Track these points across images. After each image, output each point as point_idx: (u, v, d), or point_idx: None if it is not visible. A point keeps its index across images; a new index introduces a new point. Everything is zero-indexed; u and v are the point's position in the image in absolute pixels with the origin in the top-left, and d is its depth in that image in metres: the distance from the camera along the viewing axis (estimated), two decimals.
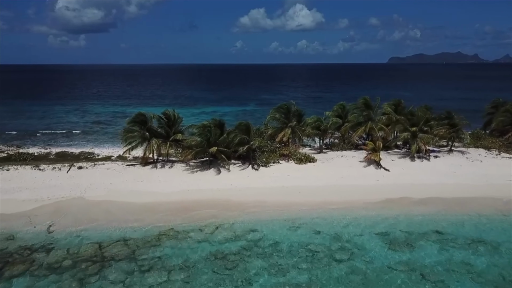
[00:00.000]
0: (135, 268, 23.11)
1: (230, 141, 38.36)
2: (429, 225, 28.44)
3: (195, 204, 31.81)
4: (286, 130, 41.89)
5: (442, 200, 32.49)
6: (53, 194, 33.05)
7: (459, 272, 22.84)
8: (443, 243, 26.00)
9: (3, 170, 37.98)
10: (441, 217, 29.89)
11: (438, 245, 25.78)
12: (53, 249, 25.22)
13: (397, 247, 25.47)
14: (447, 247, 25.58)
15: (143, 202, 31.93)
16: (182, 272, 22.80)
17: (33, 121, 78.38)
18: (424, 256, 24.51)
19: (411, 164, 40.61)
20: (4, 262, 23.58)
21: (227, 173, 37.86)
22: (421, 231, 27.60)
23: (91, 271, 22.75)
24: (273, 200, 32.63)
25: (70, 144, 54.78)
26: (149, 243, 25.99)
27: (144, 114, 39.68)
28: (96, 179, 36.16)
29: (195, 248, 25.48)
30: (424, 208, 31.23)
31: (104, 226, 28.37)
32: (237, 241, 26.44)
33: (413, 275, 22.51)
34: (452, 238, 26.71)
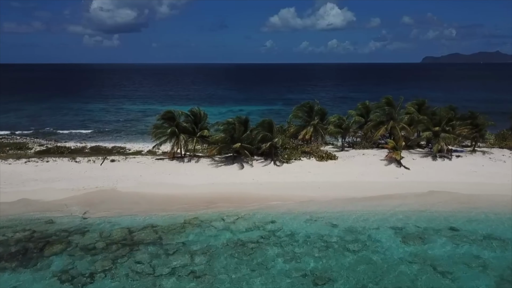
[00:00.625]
0: (161, 252, 25.00)
1: (253, 137, 39.95)
2: (444, 222, 29.09)
3: (219, 196, 33.54)
4: (308, 128, 43.14)
5: (460, 198, 32.97)
6: (87, 184, 35.57)
7: (470, 265, 23.53)
8: (456, 238, 26.63)
9: (43, 162, 40.97)
10: (457, 214, 30.43)
11: (452, 240, 26.44)
12: (87, 232, 27.51)
13: (410, 241, 26.33)
14: (460, 242, 26.18)
15: (170, 193, 33.92)
16: (204, 256, 24.52)
17: (69, 117, 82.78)
18: (437, 250, 25.29)
19: (432, 163, 41.03)
20: (45, 242, 25.98)
21: (249, 168, 39.47)
22: (436, 227, 28.30)
23: (121, 252, 24.80)
24: (293, 194, 33.97)
25: (104, 139, 57.99)
26: (174, 230, 27.88)
27: (172, 111, 41.87)
28: (127, 172, 38.53)
29: (217, 236, 27.18)
30: (441, 205, 31.83)
31: (133, 214, 30.50)
32: (256, 230, 27.98)
33: (424, 267, 23.37)
34: (467, 234, 27.25)
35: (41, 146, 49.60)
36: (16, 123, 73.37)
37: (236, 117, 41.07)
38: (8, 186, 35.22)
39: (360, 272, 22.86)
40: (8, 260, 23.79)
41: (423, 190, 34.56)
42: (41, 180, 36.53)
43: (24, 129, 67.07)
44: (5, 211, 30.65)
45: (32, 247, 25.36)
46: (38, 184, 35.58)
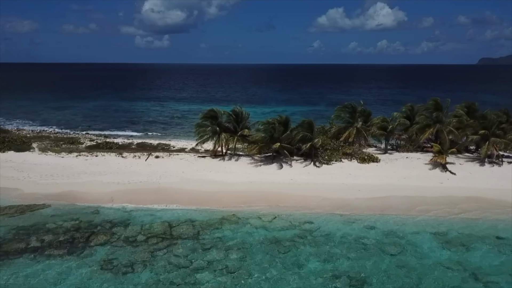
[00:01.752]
0: (198, 246, 25.66)
1: (293, 137, 39.97)
2: (489, 229, 27.85)
3: (257, 195, 33.87)
4: (351, 130, 42.57)
5: (508, 206, 31.32)
6: (132, 179, 37.05)
7: None
8: (502, 247, 25.48)
9: (92, 156, 43.16)
10: (504, 222, 29.02)
11: (497, 249, 25.32)
12: (129, 224, 28.71)
13: (451, 247, 25.45)
14: (506, 251, 25.00)
15: (210, 190, 34.63)
16: (239, 252, 24.92)
17: (119, 114, 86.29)
18: (480, 258, 24.31)
19: (480, 169, 39.23)
20: (90, 232, 27.42)
21: (289, 168, 39.53)
22: (480, 234, 27.15)
23: (161, 246, 25.68)
24: (332, 196, 33.68)
25: (150, 136, 60.05)
26: (212, 226, 28.50)
27: (215, 110, 42.75)
28: (171, 168, 39.75)
29: (253, 233, 27.52)
30: (486, 212, 30.46)
31: (174, 208, 31.50)
32: (292, 229, 28.06)
33: (465, 275, 22.52)
34: None
35: (91, 141, 52.12)
36: (70, 119, 77.57)
37: (278, 116, 41.24)
38: (60, 178, 37.40)
39: (397, 276, 22.39)
40: (57, 248, 25.31)
41: (469, 196, 33.16)
42: (90, 173, 38.49)
43: (77, 125, 70.74)
44: (56, 200, 32.62)
45: (79, 236, 26.83)
46: (87, 177, 37.52)
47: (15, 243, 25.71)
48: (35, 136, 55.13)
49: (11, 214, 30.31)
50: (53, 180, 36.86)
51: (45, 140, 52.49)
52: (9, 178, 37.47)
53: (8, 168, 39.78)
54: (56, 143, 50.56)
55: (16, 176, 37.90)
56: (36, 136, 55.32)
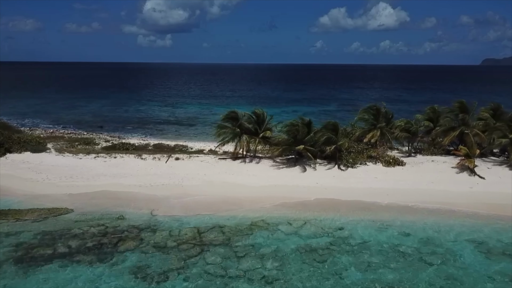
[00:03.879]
0: (231, 254, 24.79)
1: (317, 140, 39.10)
2: None
3: (283, 199, 33.03)
4: (374, 132, 41.69)
5: None
6: (154, 181, 36.26)
7: None
8: None
9: (111, 158, 42.39)
10: None
11: None
12: (157, 230, 27.88)
13: (493, 256, 24.51)
14: None
15: (234, 194, 33.82)
16: (275, 260, 24.03)
17: (129, 114, 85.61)
18: None
19: (509, 173, 38.28)
20: (118, 238, 26.61)
21: (313, 171, 38.68)
22: None
23: (192, 253, 24.83)
24: (360, 200, 32.84)
25: (164, 137, 59.26)
26: (242, 232, 27.63)
27: (236, 111, 41.96)
28: (192, 170, 38.94)
29: (285, 240, 26.64)
30: None
31: (200, 213, 30.60)
32: (324, 237, 27.18)
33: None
34: None
35: (106, 142, 51.36)
36: (81, 119, 76.86)
37: (300, 118, 40.42)
38: (80, 180, 36.66)
39: (442, 287, 21.49)
40: (86, 254, 24.51)
41: (502, 202, 32.22)
42: (109, 175, 37.71)
43: (89, 125, 70.02)
44: (78, 204, 31.83)
45: (107, 242, 26.01)
46: (107, 179, 36.75)
47: (42, 249, 24.93)
48: (49, 137, 54.40)
49: (35, 218, 29.55)
50: (73, 182, 36.12)
51: (59, 141, 51.79)
52: (28, 179, 36.77)
53: (26, 170, 39.08)
54: (71, 143, 49.84)
55: (35, 177, 37.19)
56: (50, 137, 54.59)
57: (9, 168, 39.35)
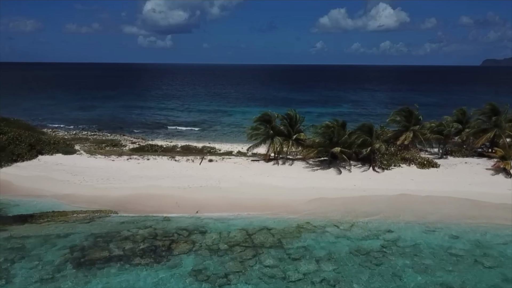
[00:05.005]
0: (285, 256, 24.87)
1: (352, 141, 39.18)
2: None
3: (323, 201, 33.15)
4: (407, 134, 41.77)
5: None
6: (192, 183, 36.33)
7: None
8: None
9: (144, 159, 42.46)
10: None
11: None
12: (206, 232, 27.96)
13: None
14: None
15: (274, 195, 33.82)
16: (331, 263, 24.11)
17: (145, 115, 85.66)
18: None
19: None
20: (170, 240, 26.68)
21: (348, 173, 38.76)
22: None
23: (247, 255, 24.90)
24: (401, 202, 32.99)
25: (188, 138, 59.33)
26: (290, 234, 27.71)
27: (269, 113, 42.04)
28: (227, 172, 39.00)
29: (336, 243, 26.73)
30: None
31: (242, 215, 30.70)
32: (374, 239, 27.26)
33: None
34: None
35: (133, 143, 51.47)
36: (99, 120, 76.99)
37: (334, 120, 40.50)
38: (117, 182, 36.73)
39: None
40: (142, 256, 24.60)
41: None
42: (146, 177, 37.77)
43: (108, 126, 70.04)
44: (120, 206, 31.91)
45: (160, 244, 26.08)
46: (144, 181, 36.80)
47: (97, 251, 25.01)
48: (74, 138, 54.45)
49: (81, 220, 29.68)
50: (110, 184, 36.19)
51: (85, 142, 51.87)
52: (65, 182, 36.84)
53: (61, 172, 39.15)
54: (98, 145, 49.91)
55: (72, 179, 37.26)
56: (75, 138, 54.64)
57: (43, 170, 39.43)
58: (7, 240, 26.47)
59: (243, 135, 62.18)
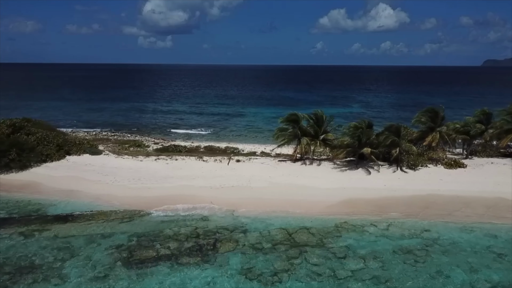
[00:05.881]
0: (330, 255, 25.22)
1: (380, 142, 39.55)
2: None
3: (356, 201, 33.45)
4: (434, 134, 42.13)
5: None
6: (223, 183, 36.69)
7: None
8: None
9: (172, 160, 42.84)
10: None
11: None
12: (247, 231, 28.32)
13: None
14: None
15: (305, 196, 34.08)
16: (376, 261, 24.47)
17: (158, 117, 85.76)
18: None
19: None
20: (214, 239, 27.06)
21: (376, 173, 39.12)
22: None
23: (292, 254, 25.25)
24: (433, 201, 33.33)
25: (207, 139, 59.56)
26: (330, 234, 28.08)
27: (296, 114, 42.44)
28: (255, 172, 39.34)
29: (377, 241, 27.09)
30: None
31: (278, 214, 31.02)
32: (414, 238, 27.65)
33: None
34: None
35: (155, 144, 51.81)
36: (113, 121, 77.36)
37: (361, 120, 40.85)
38: (149, 182, 37.08)
39: None
40: (189, 255, 24.96)
41: None
42: (177, 177, 38.11)
43: (123, 127, 70.46)
44: (156, 205, 32.24)
45: (205, 243, 26.45)
46: (176, 181, 37.15)
47: (145, 251, 25.37)
48: (95, 139, 54.72)
49: (120, 219, 30.04)
50: (143, 185, 36.53)
51: (107, 143, 52.25)
52: (97, 182, 37.20)
53: (91, 172, 39.51)
54: (121, 146, 50.28)
55: (103, 180, 37.61)
56: (96, 139, 54.95)
57: (74, 171, 39.78)
58: (52, 239, 26.85)
59: (261, 136, 62.97)
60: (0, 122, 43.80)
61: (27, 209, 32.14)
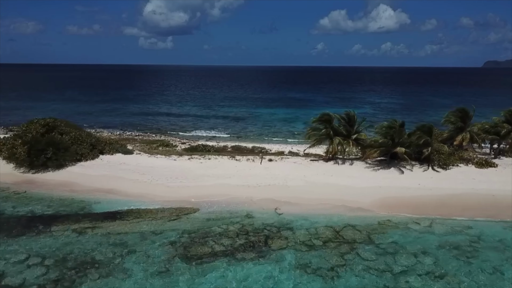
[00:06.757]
0: (380, 251, 25.81)
1: (411, 141, 40.14)
2: None
3: (393, 200, 34.02)
4: (464, 134, 42.74)
5: None
6: (260, 182, 37.26)
7: None
8: None
9: (205, 159, 43.42)
10: None
11: None
12: (293, 228, 28.91)
13: None
14: None
15: (342, 195, 34.55)
16: (427, 257, 25.08)
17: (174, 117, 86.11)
18: None
19: None
20: (264, 236, 27.65)
21: (409, 173, 39.69)
22: None
23: (343, 250, 25.87)
24: (469, 200, 33.85)
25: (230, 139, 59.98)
26: (376, 230, 28.67)
27: (329, 113, 43.05)
28: (289, 171, 39.93)
29: (422, 238, 27.71)
30: None
31: (321, 212, 31.63)
32: (458, 234, 28.28)
33: None
34: None
35: (182, 143, 52.35)
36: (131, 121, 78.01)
37: (393, 120, 41.41)
38: (187, 180, 37.65)
39: None
40: (244, 251, 25.55)
41: None
42: (213, 176, 38.67)
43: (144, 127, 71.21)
44: (198, 203, 32.85)
45: (256, 240, 27.05)
46: (213, 180, 37.73)
47: (199, 247, 25.95)
48: (120, 139, 55.25)
49: (167, 217, 30.58)
50: (181, 183, 37.10)
51: (134, 143, 52.79)
52: (135, 180, 37.75)
53: (128, 171, 40.06)
54: (149, 145, 50.86)
55: (141, 178, 38.15)
56: (122, 139, 55.48)
57: (110, 169, 40.34)
58: (106, 236, 27.41)
59: (280, 135, 63.61)
60: (34, 121, 44.31)
61: (73, 206, 32.71)
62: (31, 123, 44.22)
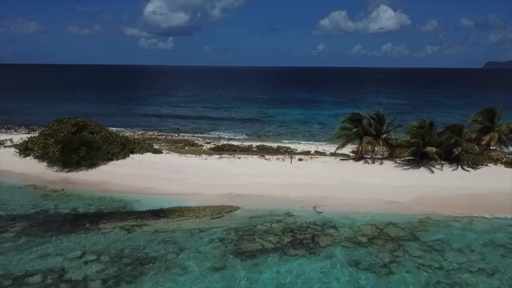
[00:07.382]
0: (427, 248, 26.17)
1: (441, 141, 40.60)
2: None
3: (427, 199, 34.34)
4: (493, 134, 43.25)
5: None
6: (293, 181, 37.68)
7: None
8: None
9: (235, 158, 43.86)
10: None
11: None
12: (336, 226, 29.29)
13: None
14: None
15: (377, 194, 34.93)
16: (473, 254, 25.47)
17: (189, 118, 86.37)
18: None
19: None
20: (309, 233, 28.05)
21: (440, 172, 40.10)
22: None
23: (391, 247, 26.21)
24: (504, 198, 34.21)
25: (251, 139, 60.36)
26: (418, 228, 29.05)
27: (359, 113, 43.52)
28: (321, 170, 40.36)
29: (466, 235, 28.08)
30: None
31: (359, 210, 31.98)
32: (501, 232, 28.63)
33: None
34: None
35: (207, 143, 52.76)
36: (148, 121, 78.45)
37: (422, 120, 41.87)
38: (220, 179, 38.09)
39: None
40: (294, 248, 25.94)
41: None
42: (245, 175, 39.08)
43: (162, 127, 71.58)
44: (237, 202, 33.25)
45: (303, 237, 27.44)
46: (246, 179, 38.12)
47: (249, 244, 26.34)
48: (145, 138, 55.52)
49: (210, 215, 30.97)
50: (215, 182, 37.51)
51: (159, 142, 53.17)
52: (170, 179, 38.16)
53: (161, 170, 40.47)
54: (175, 145, 51.27)
55: (175, 177, 38.57)
56: (146, 138, 55.75)
57: (143, 168, 40.77)
58: (154, 234, 27.81)
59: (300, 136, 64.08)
60: (64, 121, 44.74)
61: (114, 205, 33.11)
62: (61, 122, 44.59)
